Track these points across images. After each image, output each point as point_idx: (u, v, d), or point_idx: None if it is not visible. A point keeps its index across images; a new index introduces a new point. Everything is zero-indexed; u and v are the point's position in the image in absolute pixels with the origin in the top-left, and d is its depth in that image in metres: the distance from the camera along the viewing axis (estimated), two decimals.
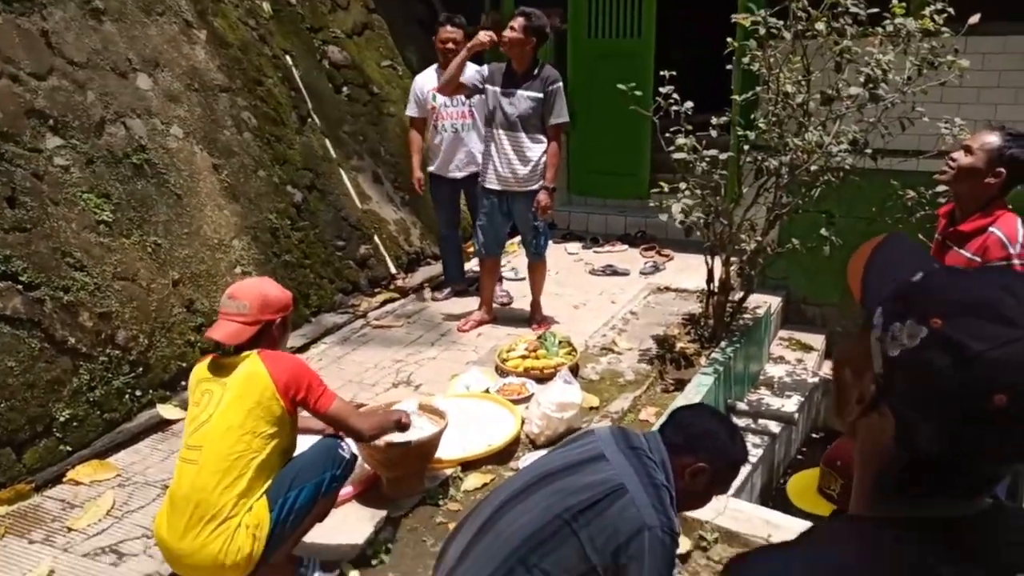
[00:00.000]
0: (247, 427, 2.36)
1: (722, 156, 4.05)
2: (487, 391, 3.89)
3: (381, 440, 2.82)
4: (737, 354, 4.45)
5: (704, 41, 5.49)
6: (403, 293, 5.48)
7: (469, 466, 3.29)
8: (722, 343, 4.49)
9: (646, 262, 5.98)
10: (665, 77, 4.03)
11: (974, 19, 3.60)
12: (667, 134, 4.14)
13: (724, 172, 4.19)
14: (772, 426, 4.35)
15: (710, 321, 4.63)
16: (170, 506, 2.42)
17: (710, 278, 4.52)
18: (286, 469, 2.44)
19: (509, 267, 5.75)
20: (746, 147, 4.15)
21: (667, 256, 6.10)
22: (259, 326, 2.49)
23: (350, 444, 2.65)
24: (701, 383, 4.04)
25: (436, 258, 5.86)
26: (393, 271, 5.63)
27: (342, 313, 5.03)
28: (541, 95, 4.36)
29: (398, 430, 2.76)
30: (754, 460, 3.97)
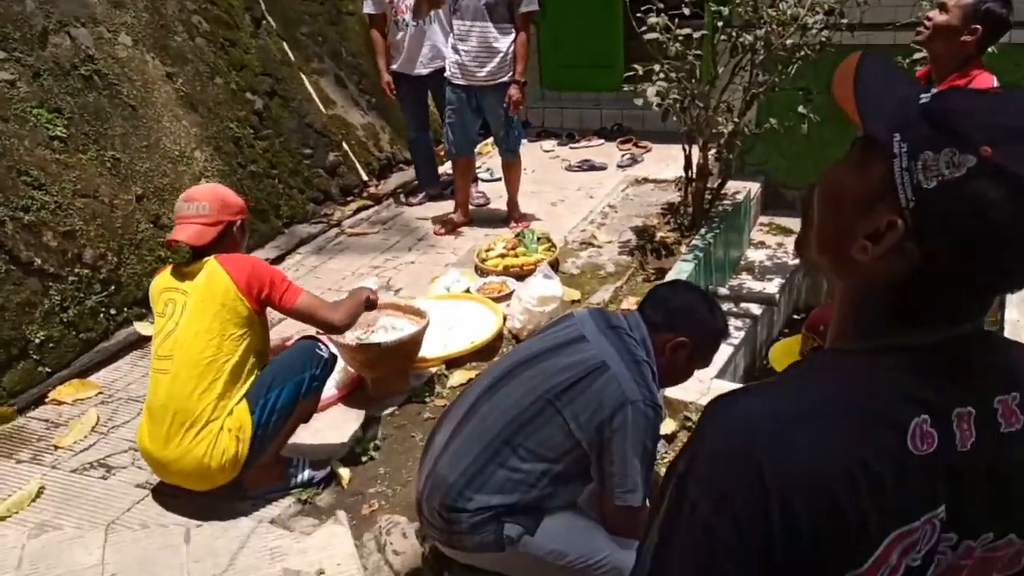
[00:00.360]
0: (215, 330, 2.33)
1: (696, 34, 3.91)
2: (468, 291, 3.87)
3: (353, 340, 2.77)
4: (717, 240, 4.42)
5: None
6: (376, 200, 5.36)
7: (454, 364, 3.29)
8: (702, 230, 4.46)
9: (623, 155, 5.87)
10: None
11: None
12: (638, 14, 3.98)
13: (699, 52, 4.05)
14: (754, 308, 4.38)
15: (689, 209, 4.58)
16: (149, 417, 2.41)
17: (688, 165, 4.45)
18: (265, 371, 2.42)
19: (484, 168, 5.63)
20: (720, 23, 4.00)
21: (645, 148, 5.98)
22: (221, 227, 2.43)
23: (329, 344, 2.62)
24: (682, 270, 4.02)
25: (408, 163, 5.70)
26: (365, 178, 5.49)
27: (315, 223, 4.93)
28: None
29: (368, 308, 2.71)
30: (736, 342, 4.01)
